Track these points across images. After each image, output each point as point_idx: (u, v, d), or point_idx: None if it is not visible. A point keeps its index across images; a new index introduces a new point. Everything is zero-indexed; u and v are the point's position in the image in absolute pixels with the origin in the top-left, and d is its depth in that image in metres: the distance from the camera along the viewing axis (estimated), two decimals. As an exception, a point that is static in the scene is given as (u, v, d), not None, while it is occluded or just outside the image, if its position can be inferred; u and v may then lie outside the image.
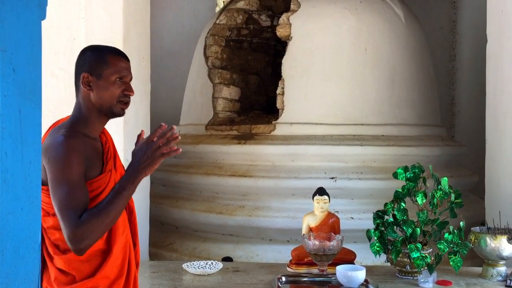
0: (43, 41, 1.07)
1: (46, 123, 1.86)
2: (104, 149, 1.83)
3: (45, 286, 1.77)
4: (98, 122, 1.81)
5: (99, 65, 1.78)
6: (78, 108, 1.82)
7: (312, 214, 3.04)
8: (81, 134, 1.75)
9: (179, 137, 1.72)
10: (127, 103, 1.81)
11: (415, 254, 2.73)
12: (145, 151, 1.69)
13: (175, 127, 1.72)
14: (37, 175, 1.01)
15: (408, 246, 2.77)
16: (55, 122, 1.85)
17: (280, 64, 4.50)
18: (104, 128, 1.89)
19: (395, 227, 2.87)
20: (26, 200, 0.97)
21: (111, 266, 1.76)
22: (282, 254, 3.78)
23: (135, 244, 1.92)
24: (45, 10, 1.03)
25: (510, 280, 2.77)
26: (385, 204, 2.94)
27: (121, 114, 1.82)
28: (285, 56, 4.45)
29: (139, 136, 1.85)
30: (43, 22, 1.06)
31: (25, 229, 0.98)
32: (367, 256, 3.48)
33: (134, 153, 1.72)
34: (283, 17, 4.51)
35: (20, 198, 0.96)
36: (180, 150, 1.73)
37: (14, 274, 0.95)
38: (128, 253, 1.84)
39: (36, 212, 1.01)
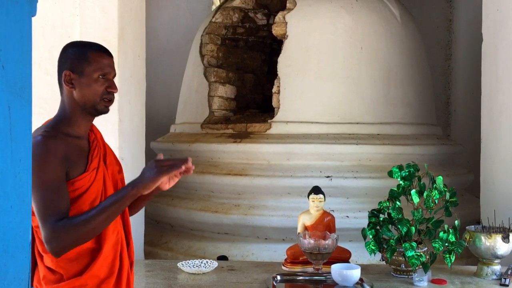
0: (37, 39, 1.07)
1: (40, 120, 1.85)
2: (91, 147, 1.79)
3: (35, 284, 1.75)
4: (82, 120, 1.78)
5: (80, 62, 1.74)
6: (62, 107, 1.79)
7: (308, 213, 3.04)
8: (63, 134, 1.72)
9: (191, 171, 1.69)
10: (110, 100, 1.78)
11: (410, 253, 2.73)
12: (153, 165, 1.67)
13: (191, 164, 1.69)
14: (27, 173, 1.00)
15: (403, 245, 2.76)
16: (44, 122, 1.82)
17: (276, 62, 4.50)
18: (94, 125, 1.86)
19: (390, 225, 2.87)
20: (16, 198, 0.96)
21: (101, 265, 1.74)
22: (277, 253, 3.78)
23: (128, 243, 1.88)
24: (35, 6, 1.02)
25: (505, 278, 2.77)
26: (380, 203, 2.94)
27: (105, 111, 1.79)
28: (281, 55, 4.44)
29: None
30: (38, 20, 1.05)
31: (15, 227, 0.97)
32: (362, 255, 3.48)
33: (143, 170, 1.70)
34: (279, 15, 4.50)
35: (9, 196, 0.95)
36: (192, 170, 1.70)
37: (4, 273, 0.94)
38: (120, 252, 1.81)
39: (26, 210, 1.00)
